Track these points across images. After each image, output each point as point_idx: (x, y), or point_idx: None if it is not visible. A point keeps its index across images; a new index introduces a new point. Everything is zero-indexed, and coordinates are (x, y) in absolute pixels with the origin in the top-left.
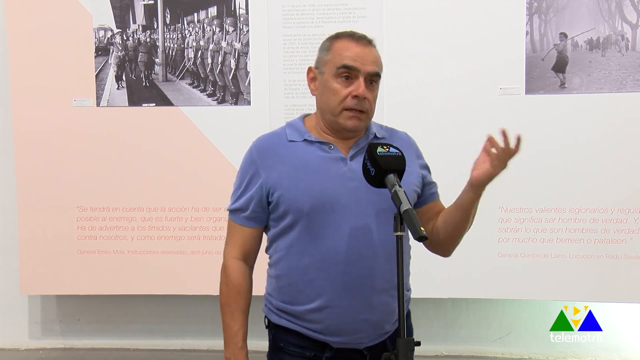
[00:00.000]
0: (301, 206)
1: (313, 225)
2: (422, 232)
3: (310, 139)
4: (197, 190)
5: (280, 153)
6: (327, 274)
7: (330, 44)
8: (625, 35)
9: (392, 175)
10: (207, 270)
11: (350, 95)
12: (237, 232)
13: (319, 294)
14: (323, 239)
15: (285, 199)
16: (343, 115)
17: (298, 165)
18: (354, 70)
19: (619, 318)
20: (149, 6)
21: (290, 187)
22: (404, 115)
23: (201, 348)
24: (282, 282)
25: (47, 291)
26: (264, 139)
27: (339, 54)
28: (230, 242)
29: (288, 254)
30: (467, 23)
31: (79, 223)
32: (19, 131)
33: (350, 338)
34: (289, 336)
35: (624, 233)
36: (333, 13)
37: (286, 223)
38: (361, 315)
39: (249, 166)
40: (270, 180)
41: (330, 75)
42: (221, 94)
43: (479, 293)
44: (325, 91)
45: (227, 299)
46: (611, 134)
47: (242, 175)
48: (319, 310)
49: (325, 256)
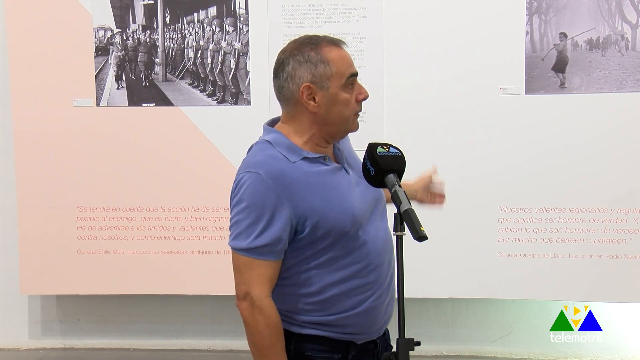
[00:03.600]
0: (343, 226)
1: (351, 239)
2: (422, 232)
3: (309, 156)
4: (197, 190)
5: (294, 177)
6: (368, 280)
7: (321, 56)
8: (625, 35)
9: (392, 175)
10: (207, 270)
11: (357, 100)
12: (264, 269)
13: (361, 300)
14: (361, 249)
15: (322, 224)
16: (353, 121)
17: (319, 187)
18: (356, 76)
19: (619, 318)
20: (148, 6)
21: (325, 211)
22: (404, 115)
23: (201, 348)
24: (316, 298)
25: (47, 291)
26: (270, 165)
27: (340, 64)
28: (257, 280)
29: (323, 272)
30: (467, 23)
31: (79, 223)
32: (19, 131)
33: (375, 334)
34: (314, 344)
35: (623, 233)
36: (333, 13)
37: (323, 246)
38: (389, 310)
39: (266, 196)
40: (300, 208)
41: (339, 88)
42: (221, 94)
43: (479, 293)
44: (334, 104)
45: (271, 341)
46: (611, 134)
47: (260, 206)
48: (362, 314)
49: (364, 265)
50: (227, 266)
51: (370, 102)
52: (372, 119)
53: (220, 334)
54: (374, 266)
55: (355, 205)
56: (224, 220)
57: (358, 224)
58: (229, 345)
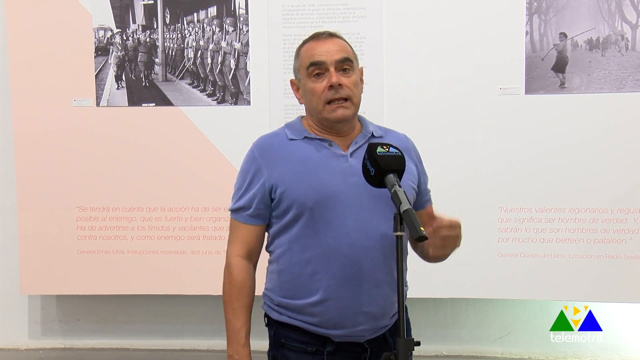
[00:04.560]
0: (305, 201)
1: (315, 220)
2: (422, 232)
3: (310, 136)
4: (197, 190)
5: (282, 151)
6: (329, 267)
7: (298, 52)
8: (625, 35)
9: (391, 175)
10: (207, 270)
11: (326, 88)
12: (240, 231)
13: (321, 287)
14: (325, 233)
15: (288, 194)
16: (327, 110)
17: (300, 162)
18: (322, 65)
19: (619, 318)
20: (148, 6)
21: (294, 183)
22: (404, 115)
23: (201, 348)
24: (284, 277)
25: (47, 291)
26: (264, 138)
27: (305, 56)
28: (234, 241)
29: (290, 249)
30: (467, 23)
31: (79, 223)
32: (19, 131)
33: (351, 331)
34: (290, 332)
35: (623, 233)
36: (333, 13)
37: (289, 218)
38: (362, 307)
39: (250, 165)
40: (273, 177)
41: (305, 78)
42: (221, 94)
43: (479, 293)
44: (306, 94)
45: (230, 297)
46: (611, 134)
47: (244, 174)
48: (320, 303)
49: (327, 250)
50: None
51: (370, 102)
52: (372, 119)
53: (220, 334)
54: (335, 257)
55: (329, 187)
56: (224, 220)
57: (322, 204)
58: None
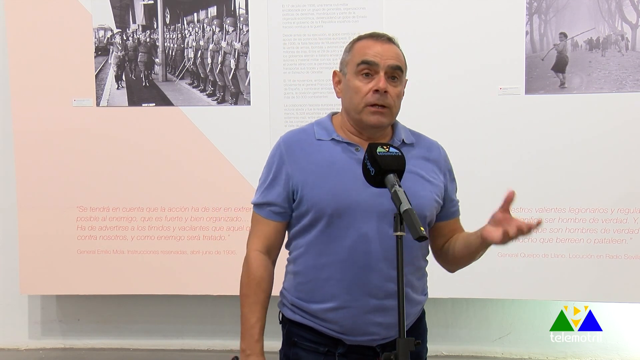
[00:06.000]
0: (324, 207)
1: (333, 227)
2: (422, 232)
3: (338, 138)
4: (197, 190)
5: (307, 150)
6: (343, 276)
7: (351, 46)
8: (625, 35)
9: (391, 175)
10: (207, 270)
11: (372, 90)
12: (261, 225)
13: (335, 294)
14: (342, 240)
15: (308, 197)
16: (366, 112)
17: (324, 165)
18: (373, 66)
19: (619, 318)
20: (148, 6)
21: (315, 187)
22: (404, 115)
23: (201, 348)
24: (299, 279)
25: (47, 291)
26: (292, 134)
27: (358, 53)
28: (254, 235)
29: (307, 252)
30: (467, 23)
31: (79, 223)
32: (19, 131)
33: (363, 339)
34: (302, 331)
35: (623, 233)
36: (333, 13)
37: (307, 221)
38: (375, 318)
39: (276, 160)
40: (296, 176)
41: (352, 74)
42: (221, 94)
43: (479, 293)
44: (348, 90)
45: (247, 291)
46: (611, 134)
47: (269, 168)
48: (334, 311)
49: (342, 258)
50: (227, 266)
51: None
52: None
53: (220, 334)
54: (351, 266)
55: (351, 194)
56: (224, 220)
57: (342, 212)
58: (229, 345)
